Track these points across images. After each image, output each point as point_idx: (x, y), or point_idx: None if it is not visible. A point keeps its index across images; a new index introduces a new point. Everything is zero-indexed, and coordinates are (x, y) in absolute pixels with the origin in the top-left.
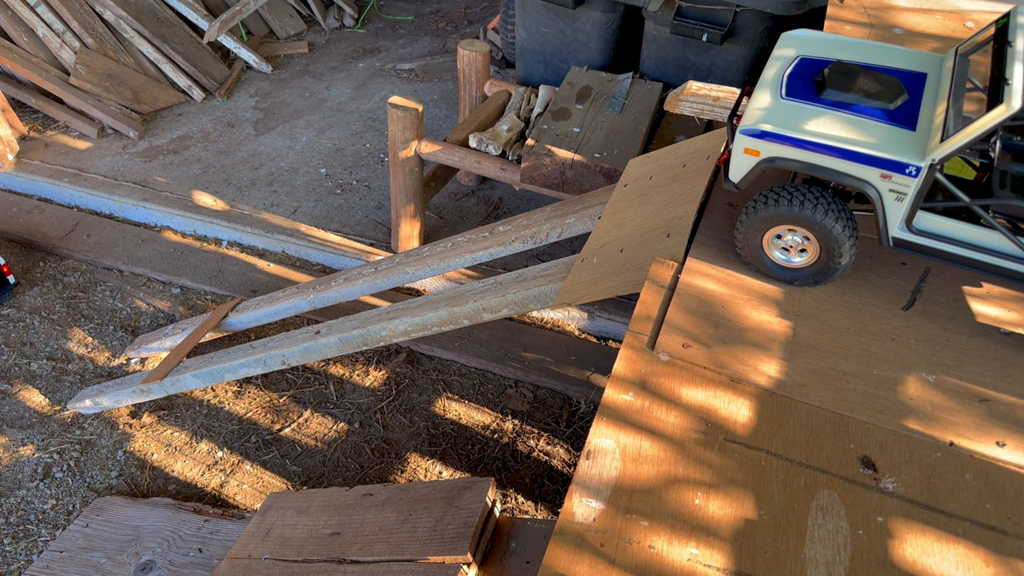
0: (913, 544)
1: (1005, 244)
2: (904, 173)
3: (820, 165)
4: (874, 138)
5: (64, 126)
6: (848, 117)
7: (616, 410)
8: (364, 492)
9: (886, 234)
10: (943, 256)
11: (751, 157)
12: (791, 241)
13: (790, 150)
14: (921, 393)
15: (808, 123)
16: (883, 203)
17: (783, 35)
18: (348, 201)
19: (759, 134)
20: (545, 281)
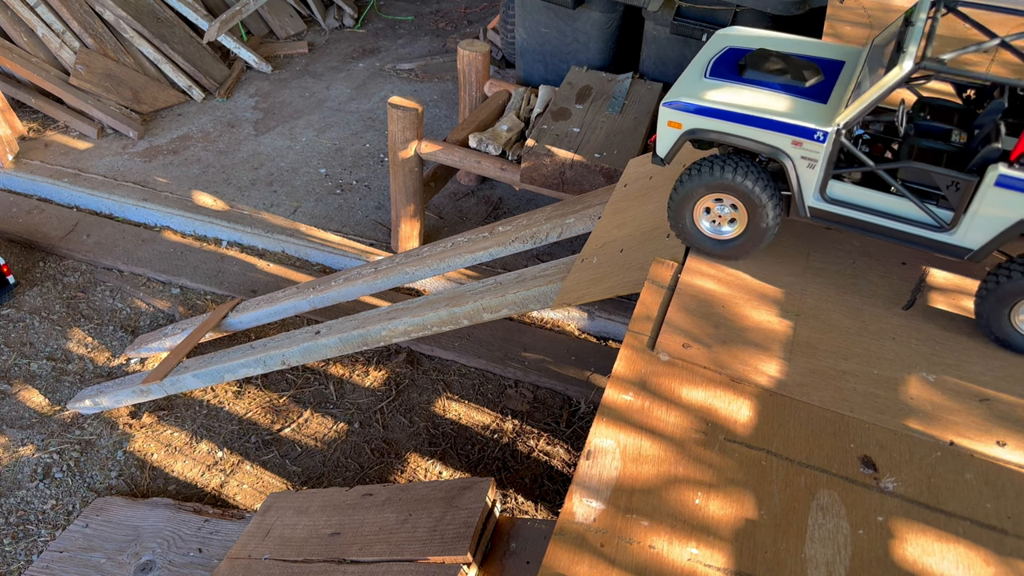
0: (913, 544)
1: (913, 211)
2: (813, 139)
3: (737, 135)
4: (786, 108)
5: (64, 126)
6: (764, 92)
7: (616, 410)
8: (364, 492)
9: (802, 203)
10: (857, 225)
11: (674, 130)
12: (720, 211)
13: (708, 121)
14: (921, 393)
15: (726, 96)
16: (797, 171)
17: (716, 33)
18: (348, 201)
19: (679, 106)
20: (545, 281)
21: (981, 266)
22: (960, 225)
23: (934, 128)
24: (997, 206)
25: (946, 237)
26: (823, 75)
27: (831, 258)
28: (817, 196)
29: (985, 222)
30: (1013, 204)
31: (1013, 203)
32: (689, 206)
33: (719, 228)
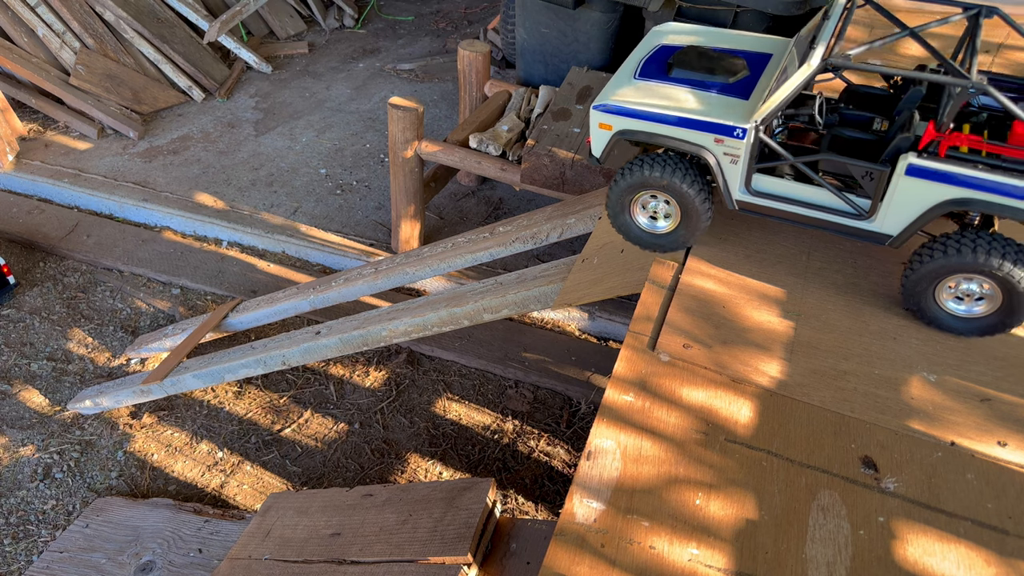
0: (914, 544)
1: (835, 200)
2: (733, 136)
3: (663, 135)
4: (708, 107)
5: (64, 126)
6: (689, 91)
7: (617, 410)
8: (364, 493)
9: (729, 197)
10: (784, 216)
11: (605, 131)
12: (655, 207)
13: (636, 122)
14: (922, 393)
15: (653, 97)
16: (721, 167)
17: (652, 30)
18: (348, 201)
19: (607, 108)
20: (545, 281)
21: None
22: (878, 213)
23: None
24: (910, 194)
25: (866, 224)
26: (749, 70)
27: (832, 258)
28: (743, 190)
29: (901, 209)
30: (925, 191)
31: (925, 190)
32: (626, 203)
33: (655, 223)
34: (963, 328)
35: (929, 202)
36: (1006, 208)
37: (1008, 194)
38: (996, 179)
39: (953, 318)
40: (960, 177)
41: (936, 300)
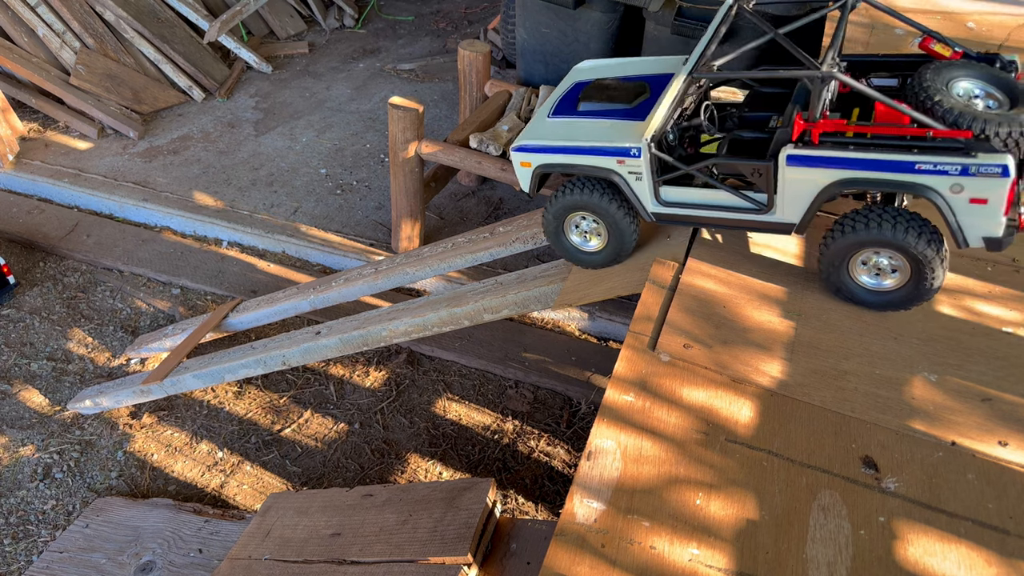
0: (915, 544)
1: (735, 199)
2: (630, 155)
3: (574, 164)
4: (609, 133)
5: (64, 126)
6: (594, 121)
7: (617, 411)
8: (364, 493)
9: (645, 211)
10: (697, 221)
11: (527, 169)
12: (586, 227)
13: (550, 157)
14: (923, 393)
15: (562, 133)
16: (629, 185)
17: (573, 68)
18: (348, 201)
19: (524, 148)
20: (546, 282)
21: (981, 265)
22: (776, 205)
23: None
24: (797, 182)
25: (770, 217)
26: (650, 92)
27: None
28: (655, 202)
29: (793, 198)
30: (810, 178)
31: (809, 177)
32: (559, 224)
33: (587, 242)
34: (877, 301)
35: (816, 187)
36: (886, 182)
37: (879, 168)
38: (865, 157)
39: (867, 291)
40: (836, 160)
41: (850, 275)
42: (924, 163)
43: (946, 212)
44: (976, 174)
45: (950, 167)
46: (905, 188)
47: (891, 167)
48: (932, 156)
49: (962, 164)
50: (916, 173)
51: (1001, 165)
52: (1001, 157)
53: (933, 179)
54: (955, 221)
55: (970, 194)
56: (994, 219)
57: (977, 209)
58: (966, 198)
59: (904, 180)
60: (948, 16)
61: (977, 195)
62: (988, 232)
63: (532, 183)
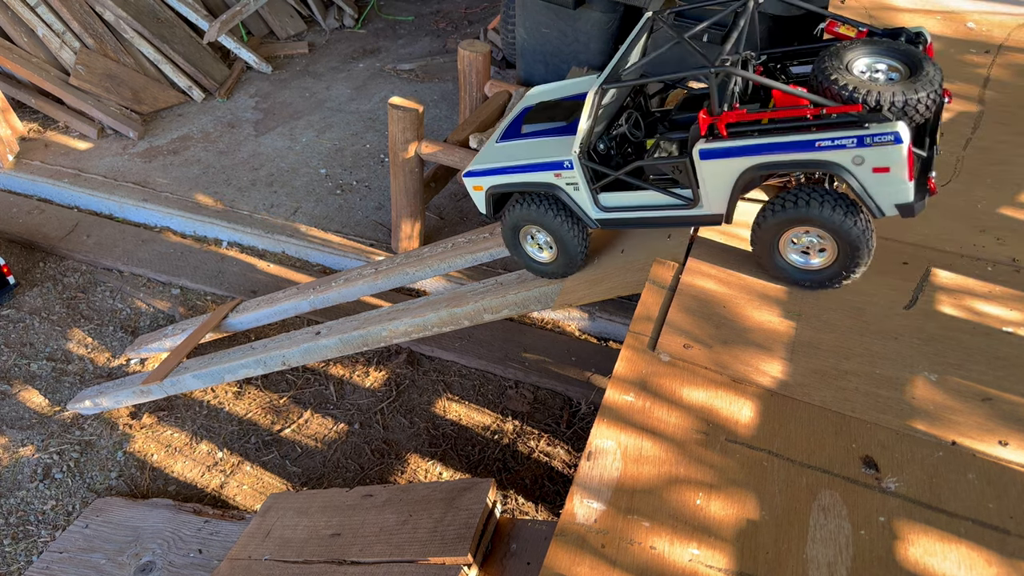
0: (915, 544)
1: (666, 198)
2: (564, 168)
3: (518, 182)
4: (546, 150)
5: (64, 126)
6: (535, 141)
7: (617, 411)
8: (364, 493)
9: (589, 219)
10: (638, 222)
11: (479, 192)
12: (540, 240)
13: (497, 179)
14: (923, 392)
15: (506, 155)
16: (570, 196)
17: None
18: (348, 201)
19: (473, 173)
20: (545, 282)
21: (981, 265)
22: (702, 198)
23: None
24: (715, 174)
25: (699, 211)
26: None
27: None
28: (596, 210)
29: (714, 190)
30: (725, 168)
31: (724, 168)
32: (516, 236)
33: (540, 253)
34: (807, 279)
35: (732, 177)
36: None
37: (784, 151)
38: (770, 141)
39: (797, 270)
40: (744, 148)
41: (780, 253)
42: (823, 140)
43: (855, 185)
44: (872, 144)
45: (847, 140)
46: (811, 166)
47: (794, 148)
48: (829, 132)
49: (857, 136)
50: (817, 150)
51: (892, 132)
52: (891, 125)
53: (834, 154)
54: (865, 193)
55: (872, 164)
56: (901, 186)
57: (882, 178)
58: (869, 168)
59: (809, 159)
60: (948, 16)
61: (878, 164)
62: (899, 199)
63: (487, 205)
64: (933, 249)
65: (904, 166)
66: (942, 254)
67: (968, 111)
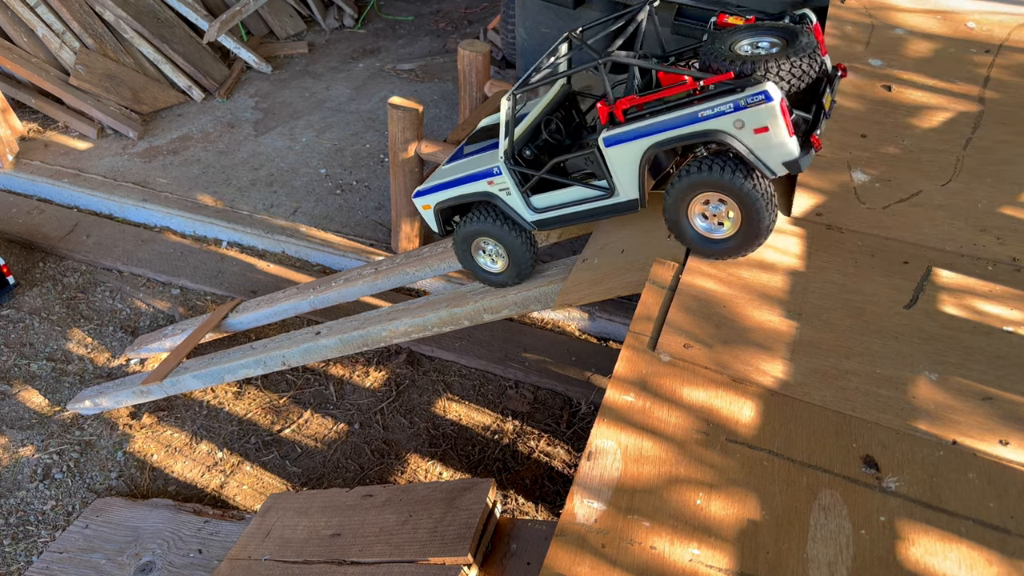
0: (916, 544)
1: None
2: (495, 175)
3: (460, 195)
4: (480, 163)
5: (64, 126)
6: (472, 158)
7: (617, 411)
8: (364, 493)
9: (526, 222)
10: (568, 219)
11: (428, 211)
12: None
13: (440, 195)
14: (924, 392)
15: (447, 174)
16: (505, 201)
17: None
18: (348, 201)
19: (419, 194)
20: (546, 282)
21: (982, 264)
22: (616, 186)
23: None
24: (621, 160)
25: (618, 199)
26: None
27: (833, 256)
28: (530, 212)
29: (624, 176)
30: (629, 153)
31: (628, 152)
32: (467, 249)
33: (493, 263)
34: (713, 248)
35: (635, 159)
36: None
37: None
38: (661, 120)
39: (702, 238)
40: (640, 131)
41: (689, 220)
42: (704, 110)
43: (742, 149)
44: (747, 106)
45: (725, 106)
46: (700, 137)
47: (682, 122)
48: (708, 102)
49: (733, 101)
50: (702, 121)
51: (762, 92)
52: (761, 85)
53: (717, 122)
54: (752, 155)
55: (752, 126)
56: (783, 143)
57: (764, 138)
58: (750, 131)
59: (697, 130)
60: (948, 16)
61: (757, 125)
62: (784, 157)
63: (438, 222)
64: (934, 248)
65: (780, 123)
66: (943, 253)
67: (968, 111)
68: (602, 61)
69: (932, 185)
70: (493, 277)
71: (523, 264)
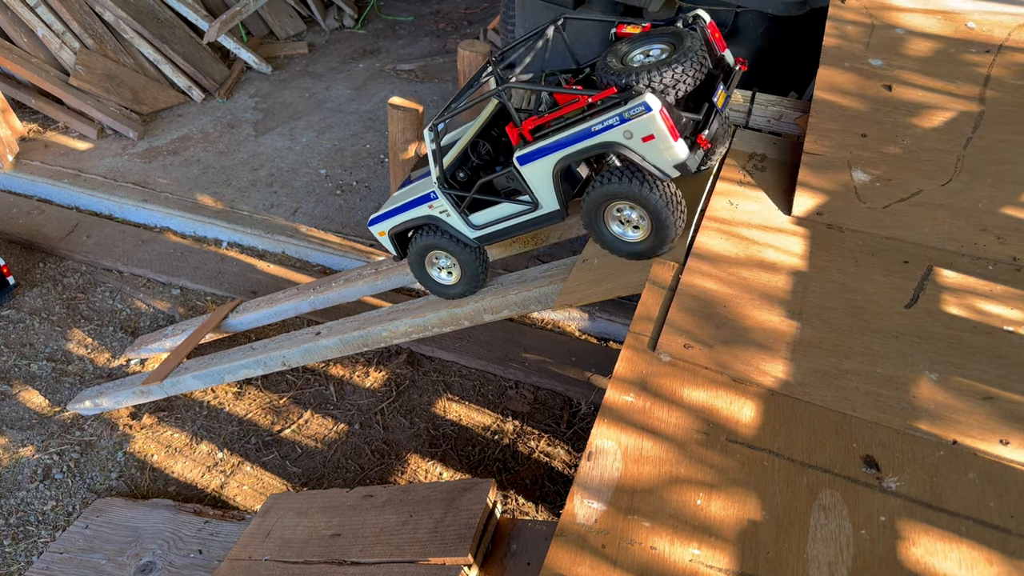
0: (916, 544)
1: (516, 206)
2: (432, 199)
3: (408, 219)
4: (421, 187)
5: (64, 127)
6: (416, 184)
7: (617, 411)
8: (364, 493)
9: (469, 240)
10: (504, 233)
11: (384, 237)
12: (443, 264)
13: (390, 221)
14: (924, 391)
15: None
16: (446, 222)
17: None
18: (348, 202)
19: (372, 222)
20: (546, 282)
21: (982, 264)
22: (538, 199)
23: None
24: (537, 176)
25: (543, 211)
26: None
27: (833, 256)
28: (471, 229)
29: (542, 189)
30: (542, 168)
31: (541, 168)
32: (422, 266)
33: (447, 277)
34: (625, 250)
35: (548, 174)
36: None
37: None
38: (563, 136)
39: (616, 240)
40: (546, 147)
41: (606, 226)
42: (595, 124)
43: (635, 157)
44: (631, 118)
45: (612, 120)
46: (599, 149)
47: (580, 137)
48: (598, 117)
49: (618, 114)
50: (595, 135)
51: (642, 104)
52: (640, 97)
53: (609, 134)
54: (645, 161)
55: (639, 135)
56: (670, 147)
57: (652, 145)
58: (639, 139)
59: (594, 143)
60: (948, 16)
61: (643, 134)
62: (674, 160)
63: (394, 247)
64: (934, 248)
65: (664, 130)
66: (943, 253)
67: (969, 111)
68: (502, 88)
69: (933, 185)
70: (447, 290)
71: (475, 276)
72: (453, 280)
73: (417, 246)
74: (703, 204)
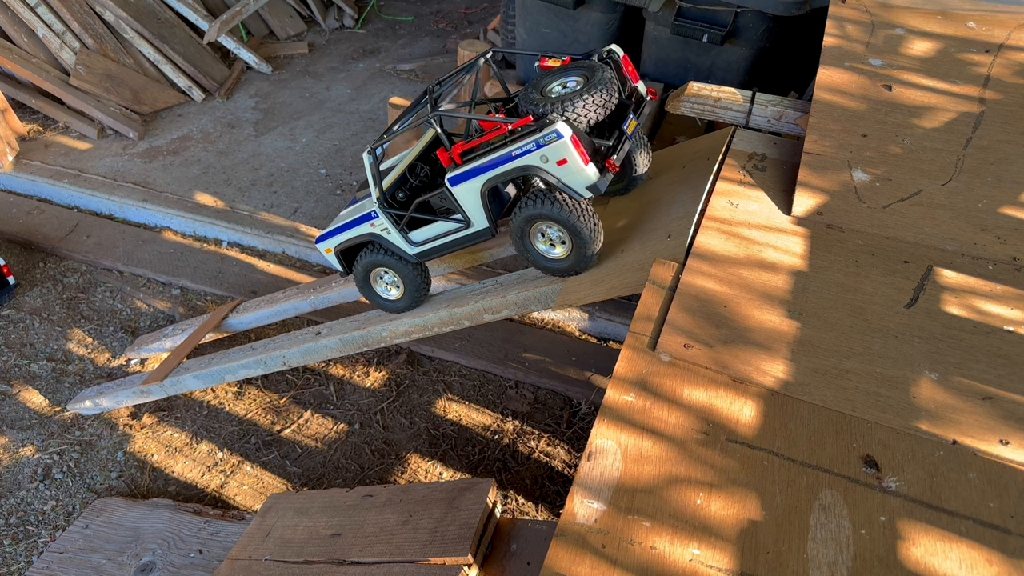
0: (916, 543)
1: (450, 224)
2: (373, 217)
3: (351, 237)
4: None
5: (64, 127)
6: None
7: (617, 411)
8: (364, 493)
9: (409, 256)
10: (442, 249)
11: (330, 254)
12: (387, 280)
13: (335, 239)
14: (924, 391)
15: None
16: (387, 239)
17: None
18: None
19: (319, 240)
20: (546, 282)
21: (982, 264)
22: (470, 218)
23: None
24: (467, 196)
25: (475, 229)
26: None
27: (833, 256)
28: (411, 246)
29: (472, 208)
30: (470, 189)
31: (470, 189)
32: (367, 282)
33: (388, 292)
34: (551, 266)
35: (476, 195)
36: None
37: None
38: (488, 159)
39: (542, 257)
40: (474, 170)
41: (532, 244)
42: (516, 150)
43: (551, 179)
44: (545, 144)
45: (529, 145)
46: (519, 172)
47: (502, 160)
48: (517, 143)
49: (534, 140)
50: (516, 159)
51: (554, 131)
52: (552, 126)
53: (528, 159)
54: (560, 183)
55: (554, 159)
56: (581, 170)
57: (566, 168)
58: (554, 163)
59: (515, 167)
60: (948, 16)
61: (557, 158)
62: (585, 182)
63: (340, 264)
64: (934, 248)
65: (575, 155)
66: (943, 253)
67: (969, 111)
68: (432, 116)
69: (933, 184)
70: (390, 304)
71: (417, 291)
72: (395, 296)
73: (365, 261)
74: (703, 204)
